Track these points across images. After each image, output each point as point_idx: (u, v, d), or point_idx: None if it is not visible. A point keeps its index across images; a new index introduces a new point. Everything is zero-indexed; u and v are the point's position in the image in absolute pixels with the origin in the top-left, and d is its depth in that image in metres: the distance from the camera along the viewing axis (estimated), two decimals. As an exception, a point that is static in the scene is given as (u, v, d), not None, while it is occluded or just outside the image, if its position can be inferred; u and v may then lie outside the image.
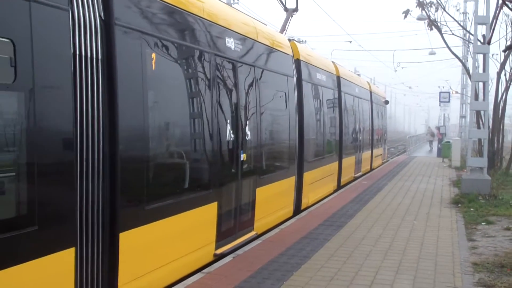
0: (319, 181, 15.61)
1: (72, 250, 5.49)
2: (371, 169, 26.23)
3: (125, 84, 6.29)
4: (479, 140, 22.26)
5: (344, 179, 19.32)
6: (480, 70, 19.94)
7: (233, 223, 9.64)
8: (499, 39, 22.43)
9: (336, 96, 18.30)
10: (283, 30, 16.07)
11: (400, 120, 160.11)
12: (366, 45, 63.81)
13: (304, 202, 14.08)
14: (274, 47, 12.11)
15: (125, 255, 6.23)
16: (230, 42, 9.52)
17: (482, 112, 21.10)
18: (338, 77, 18.90)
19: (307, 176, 14.09)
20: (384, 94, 36.94)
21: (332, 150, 17.37)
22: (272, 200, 11.59)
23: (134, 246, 6.46)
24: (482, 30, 19.44)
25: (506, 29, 23.00)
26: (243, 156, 9.78)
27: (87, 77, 5.71)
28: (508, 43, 22.14)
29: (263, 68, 11.14)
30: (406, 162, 32.39)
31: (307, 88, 14.45)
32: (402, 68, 55.29)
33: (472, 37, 21.42)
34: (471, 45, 26.30)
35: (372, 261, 9.11)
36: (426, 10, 21.61)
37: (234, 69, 9.61)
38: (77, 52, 5.61)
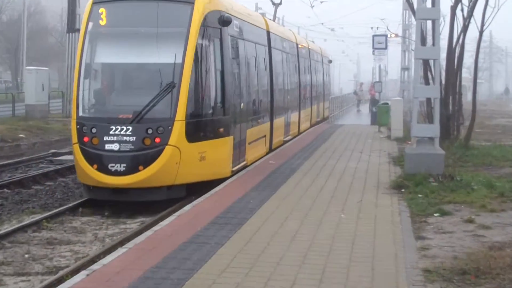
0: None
1: (269, 123, 24.45)
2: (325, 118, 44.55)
3: (275, 66, 26.08)
4: (428, 100, 22.62)
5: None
6: (428, 4, 19.95)
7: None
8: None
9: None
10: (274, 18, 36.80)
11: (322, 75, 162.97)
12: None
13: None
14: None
15: (274, 128, 25.24)
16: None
17: (431, 62, 21.32)
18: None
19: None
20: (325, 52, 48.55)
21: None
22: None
23: (275, 125, 25.48)
24: None
25: None
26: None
27: (271, 64, 25.57)
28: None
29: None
30: (329, 132, 32.81)
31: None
32: (321, 2, 56.02)
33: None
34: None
35: (285, 267, 9.19)
36: None
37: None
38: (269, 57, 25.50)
